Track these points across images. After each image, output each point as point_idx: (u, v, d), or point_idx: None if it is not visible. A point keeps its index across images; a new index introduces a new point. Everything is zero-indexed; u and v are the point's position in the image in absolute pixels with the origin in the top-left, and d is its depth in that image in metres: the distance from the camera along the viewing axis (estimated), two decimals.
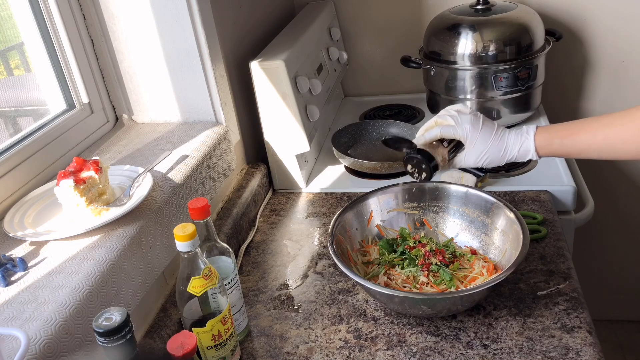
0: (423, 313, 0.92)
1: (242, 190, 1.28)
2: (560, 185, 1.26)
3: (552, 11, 1.67)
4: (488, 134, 0.97)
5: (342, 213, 1.05)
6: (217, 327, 0.81)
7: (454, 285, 0.95)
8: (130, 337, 0.65)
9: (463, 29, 1.45)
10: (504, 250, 0.99)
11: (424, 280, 0.97)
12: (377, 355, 0.89)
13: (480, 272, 0.98)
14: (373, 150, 1.51)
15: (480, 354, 0.86)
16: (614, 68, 1.72)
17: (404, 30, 1.78)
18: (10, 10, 1.09)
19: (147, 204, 0.92)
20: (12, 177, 0.96)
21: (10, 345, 0.65)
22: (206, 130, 1.18)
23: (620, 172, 1.87)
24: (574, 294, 0.96)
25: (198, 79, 1.18)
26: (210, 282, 0.79)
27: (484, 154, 0.98)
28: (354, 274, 0.90)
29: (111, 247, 0.82)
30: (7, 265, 0.78)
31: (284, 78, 1.25)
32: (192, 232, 0.77)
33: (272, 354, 0.92)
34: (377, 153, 1.49)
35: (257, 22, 1.48)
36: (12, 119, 1.11)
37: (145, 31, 1.15)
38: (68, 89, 1.15)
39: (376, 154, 1.49)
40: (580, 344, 0.86)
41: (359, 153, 1.50)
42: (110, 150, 1.14)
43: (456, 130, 0.98)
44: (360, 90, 1.92)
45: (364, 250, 1.07)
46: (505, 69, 1.43)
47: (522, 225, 0.95)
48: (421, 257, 1.01)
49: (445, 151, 1.01)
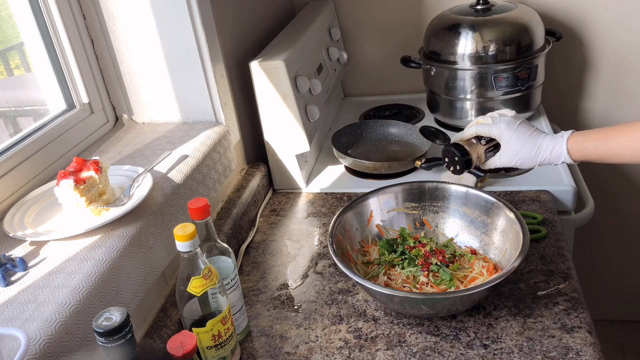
0: (423, 313, 0.92)
1: (242, 190, 1.28)
2: (560, 185, 1.26)
3: (552, 11, 1.67)
4: (522, 134, 0.99)
5: (342, 213, 1.05)
6: (217, 327, 0.81)
7: (454, 285, 0.95)
8: (130, 337, 0.65)
9: (463, 29, 1.45)
10: (504, 250, 0.99)
11: (424, 280, 0.97)
12: (377, 355, 0.89)
13: (480, 272, 0.98)
14: (373, 150, 1.51)
15: (480, 354, 0.86)
16: (614, 68, 1.72)
17: (404, 30, 1.78)
18: (10, 10, 1.09)
19: (147, 204, 0.92)
20: (12, 177, 0.96)
21: (10, 345, 0.65)
22: (206, 130, 1.18)
23: (620, 172, 1.87)
24: (574, 294, 0.96)
25: (198, 79, 1.18)
26: (210, 282, 0.79)
27: (517, 154, 0.99)
28: (353, 274, 0.90)
29: (111, 247, 0.82)
30: (7, 265, 0.78)
31: (284, 78, 1.25)
32: (192, 232, 0.77)
33: (272, 354, 0.92)
34: (377, 153, 1.49)
35: (257, 22, 1.48)
36: (12, 119, 1.11)
37: (145, 31, 1.15)
38: (68, 89, 1.15)
39: (376, 154, 1.49)
40: (580, 344, 0.86)
41: (359, 153, 1.50)
42: (110, 150, 1.14)
43: (491, 129, 1.02)
44: (360, 90, 1.92)
45: (364, 251, 1.07)
46: (505, 69, 1.43)
47: (522, 225, 0.95)
48: (421, 257, 1.01)
49: (482, 149, 1.05)
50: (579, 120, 1.81)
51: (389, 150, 1.51)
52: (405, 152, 1.48)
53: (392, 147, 1.52)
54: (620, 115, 1.78)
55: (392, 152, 1.49)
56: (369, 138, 1.56)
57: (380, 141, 1.54)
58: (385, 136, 1.55)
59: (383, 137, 1.55)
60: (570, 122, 1.79)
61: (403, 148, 1.51)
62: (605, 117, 1.80)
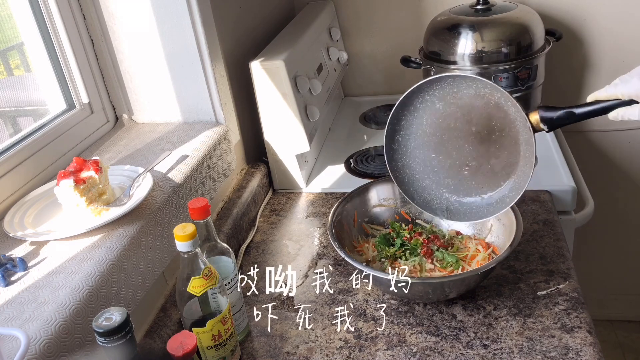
0: (442, 296, 0.95)
1: (242, 190, 1.28)
2: (560, 185, 1.26)
3: (552, 11, 1.67)
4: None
5: (334, 212, 1.06)
6: (217, 327, 0.81)
7: (461, 266, 0.99)
8: (130, 337, 0.65)
9: (463, 29, 1.45)
10: (489, 226, 1.04)
11: (430, 267, 1.00)
12: (377, 355, 0.89)
13: (477, 249, 1.02)
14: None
15: (480, 354, 0.86)
16: (614, 68, 1.72)
17: (404, 30, 1.78)
18: (10, 10, 1.09)
19: (147, 204, 0.92)
20: (12, 177, 0.96)
21: (10, 345, 0.65)
22: (206, 130, 1.18)
23: (620, 172, 1.87)
24: (574, 294, 0.96)
25: (198, 79, 1.18)
26: (210, 282, 0.79)
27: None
28: (369, 268, 0.92)
29: (111, 247, 0.82)
30: (7, 265, 0.78)
31: (284, 78, 1.25)
32: (192, 232, 0.77)
33: (272, 354, 0.92)
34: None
35: (257, 22, 1.48)
36: (12, 119, 1.11)
37: (145, 31, 1.15)
38: (68, 89, 1.14)
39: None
40: (580, 344, 0.86)
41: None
42: (110, 150, 1.14)
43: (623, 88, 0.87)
44: (360, 90, 1.92)
45: (358, 250, 1.08)
46: (506, 69, 1.43)
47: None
48: (420, 245, 1.03)
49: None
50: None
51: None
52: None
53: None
54: None
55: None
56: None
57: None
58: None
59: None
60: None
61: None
62: (605, 117, 1.79)
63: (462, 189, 1.01)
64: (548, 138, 1.46)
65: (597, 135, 1.83)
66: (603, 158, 1.86)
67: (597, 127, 1.81)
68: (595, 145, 1.85)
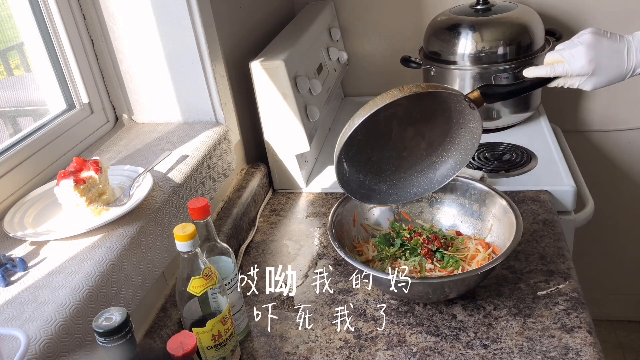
0: (442, 296, 0.95)
1: (242, 190, 1.28)
2: (560, 185, 1.26)
3: (552, 11, 1.67)
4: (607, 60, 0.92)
5: (334, 214, 1.06)
6: (217, 327, 0.81)
7: (460, 266, 0.99)
8: (130, 337, 0.65)
9: (463, 29, 1.45)
10: (489, 226, 1.05)
11: (430, 267, 1.00)
12: (377, 355, 0.89)
13: (477, 249, 1.02)
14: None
15: (480, 354, 0.86)
16: None
17: (404, 30, 1.78)
18: (10, 10, 1.09)
19: (147, 204, 0.92)
20: (12, 177, 0.96)
21: (10, 345, 0.65)
22: (206, 130, 1.18)
23: (620, 172, 1.87)
24: (574, 294, 0.96)
25: (198, 79, 1.18)
26: (210, 282, 0.79)
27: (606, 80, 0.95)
28: (369, 268, 0.93)
29: (111, 247, 0.82)
30: (7, 265, 0.78)
31: (284, 78, 1.25)
32: (192, 232, 0.77)
33: (272, 354, 0.92)
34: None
35: (257, 22, 1.48)
36: (12, 119, 1.11)
37: (145, 31, 1.15)
38: (68, 89, 1.14)
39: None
40: (580, 344, 0.86)
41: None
42: (110, 150, 1.14)
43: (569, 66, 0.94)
44: (360, 90, 1.92)
45: (358, 251, 1.08)
46: (506, 69, 1.43)
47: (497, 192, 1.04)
48: (420, 245, 1.03)
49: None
50: (579, 120, 1.82)
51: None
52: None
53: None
54: (620, 116, 1.78)
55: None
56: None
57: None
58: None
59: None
60: (570, 122, 1.79)
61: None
62: (605, 117, 1.80)
63: (416, 168, 1.08)
64: (548, 138, 1.46)
65: (597, 135, 1.83)
66: (603, 158, 1.86)
67: (597, 127, 1.81)
68: (595, 145, 1.85)
